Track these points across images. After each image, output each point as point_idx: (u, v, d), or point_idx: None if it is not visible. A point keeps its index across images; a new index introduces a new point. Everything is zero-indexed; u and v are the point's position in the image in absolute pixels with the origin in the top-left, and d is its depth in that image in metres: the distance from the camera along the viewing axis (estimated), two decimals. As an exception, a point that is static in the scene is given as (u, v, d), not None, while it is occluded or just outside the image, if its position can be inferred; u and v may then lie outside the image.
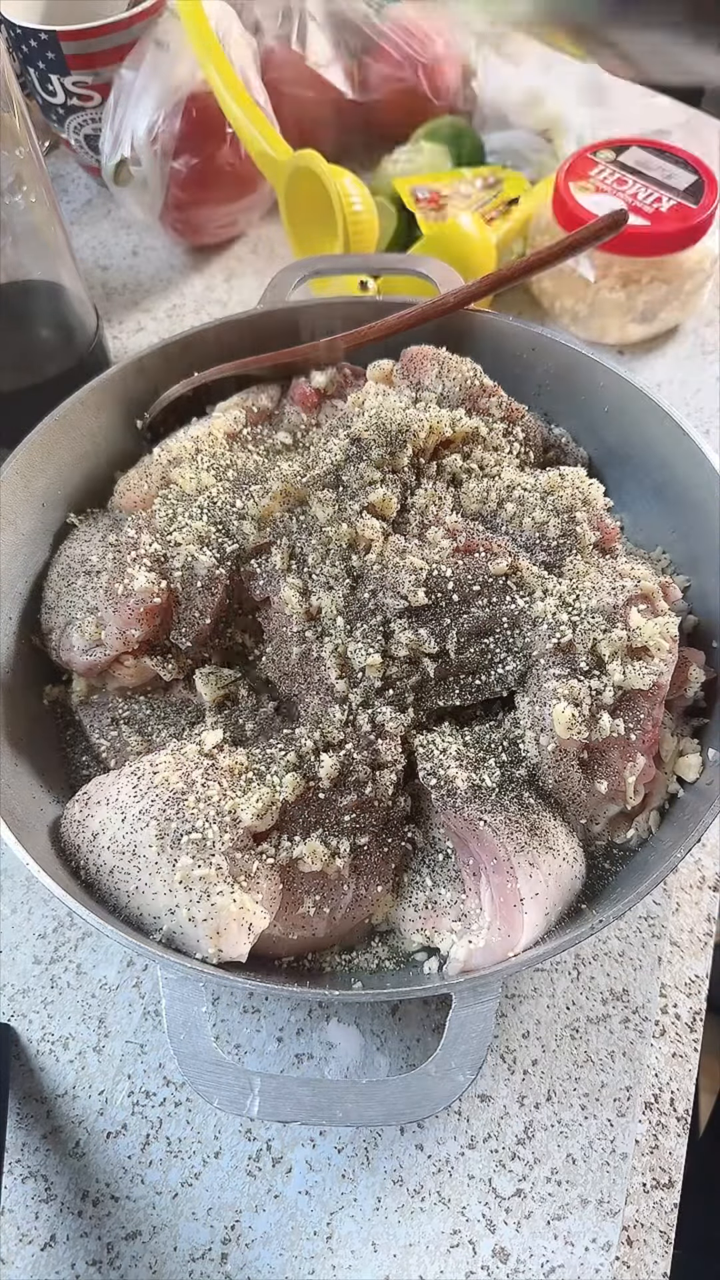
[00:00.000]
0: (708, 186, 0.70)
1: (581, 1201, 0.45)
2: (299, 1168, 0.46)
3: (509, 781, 0.45)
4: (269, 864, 0.42)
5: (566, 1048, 0.49)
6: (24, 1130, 0.47)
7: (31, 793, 0.48)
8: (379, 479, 0.51)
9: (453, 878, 0.45)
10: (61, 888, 0.40)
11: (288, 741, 0.46)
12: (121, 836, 0.42)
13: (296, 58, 0.84)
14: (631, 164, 0.73)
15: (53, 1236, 0.44)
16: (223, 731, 0.47)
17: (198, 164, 0.78)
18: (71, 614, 0.52)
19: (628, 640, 0.45)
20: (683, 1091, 0.48)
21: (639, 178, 0.72)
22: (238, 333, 0.61)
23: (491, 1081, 0.48)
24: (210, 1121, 0.47)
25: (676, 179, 0.71)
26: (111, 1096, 0.48)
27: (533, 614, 0.47)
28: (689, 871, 0.54)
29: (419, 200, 0.79)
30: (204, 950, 0.40)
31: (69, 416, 0.57)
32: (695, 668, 0.49)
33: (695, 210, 0.68)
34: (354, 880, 0.44)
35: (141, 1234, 0.44)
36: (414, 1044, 0.48)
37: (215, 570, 0.49)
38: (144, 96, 0.76)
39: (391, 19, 0.85)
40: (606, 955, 0.51)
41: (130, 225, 0.91)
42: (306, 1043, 0.49)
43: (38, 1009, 0.50)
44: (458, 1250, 0.44)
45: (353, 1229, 0.44)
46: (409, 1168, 0.46)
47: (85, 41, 0.75)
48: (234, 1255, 0.44)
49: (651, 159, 0.73)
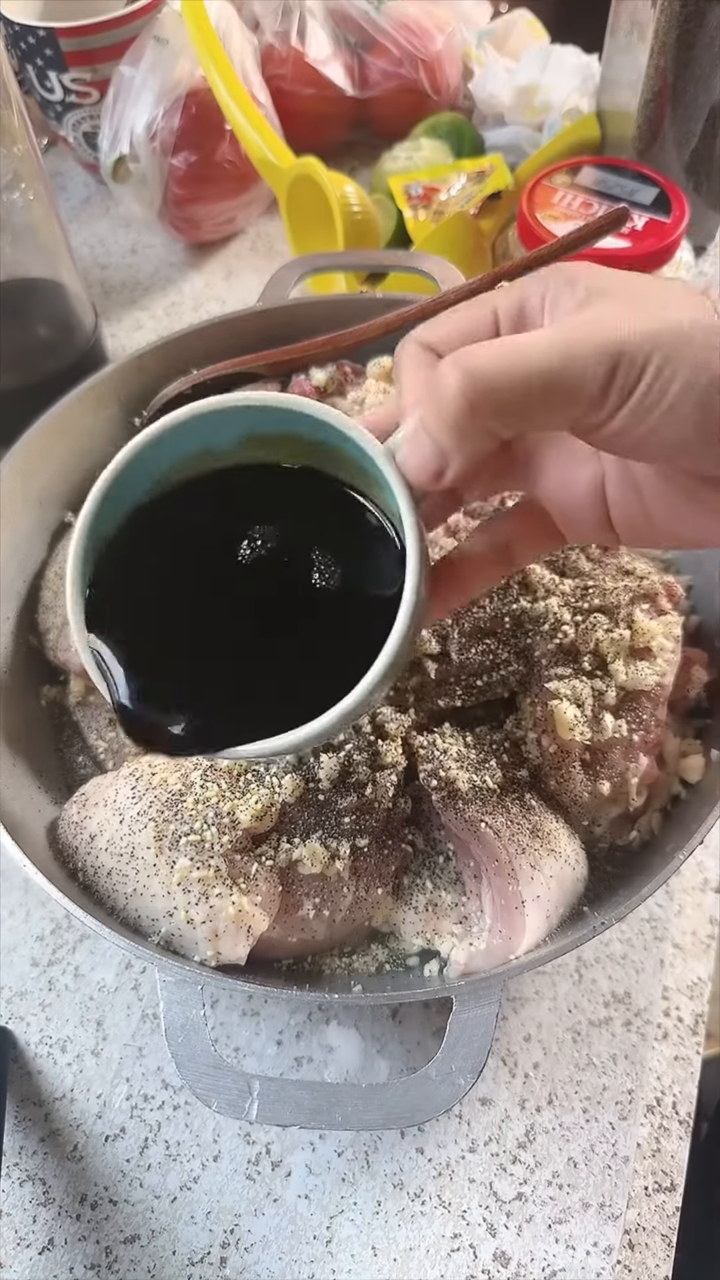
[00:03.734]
0: (673, 199, 0.69)
1: (583, 1205, 0.44)
2: (298, 1171, 0.46)
3: (510, 783, 0.44)
4: (268, 866, 0.42)
5: (568, 1051, 0.48)
6: (22, 1133, 0.47)
7: (29, 794, 0.48)
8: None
9: (453, 880, 0.45)
10: (59, 890, 0.40)
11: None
12: (119, 838, 0.42)
13: (296, 54, 0.83)
14: (591, 184, 0.72)
15: (51, 1240, 0.44)
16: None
17: (197, 161, 0.78)
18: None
19: (630, 640, 0.45)
20: (685, 1095, 0.47)
21: (602, 198, 0.71)
22: (237, 330, 0.61)
23: (492, 1085, 0.47)
24: (209, 1125, 0.47)
25: (640, 194, 0.70)
26: (110, 1100, 0.47)
27: (535, 613, 0.47)
28: (692, 873, 0.54)
29: (411, 197, 0.79)
30: (202, 953, 0.40)
31: (67, 414, 0.57)
32: (698, 668, 0.49)
33: (669, 225, 0.68)
34: (354, 882, 0.43)
35: (140, 1238, 0.44)
36: (414, 1047, 0.48)
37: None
38: (143, 93, 0.76)
39: (391, 15, 0.85)
40: (608, 958, 0.51)
41: (129, 222, 0.91)
42: (306, 1046, 0.48)
43: (35, 1012, 0.50)
44: (458, 1254, 0.43)
45: (353, 1233, 0.44)
46: (409, 1171, 0.45)
47: (83, 38, 0.75)
48: (233, 1259, 0.44)
49: (608, 176, 0.72)
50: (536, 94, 0.84)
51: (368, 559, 0.32)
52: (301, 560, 0.33)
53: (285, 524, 0.33)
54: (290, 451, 0.33)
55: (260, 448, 0.34)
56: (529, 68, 0.84)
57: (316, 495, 0.34)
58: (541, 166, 0.74)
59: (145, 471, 0.33)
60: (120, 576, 0.33)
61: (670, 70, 0.70)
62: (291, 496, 0.34)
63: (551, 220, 0.70)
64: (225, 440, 0.33)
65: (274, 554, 0.33)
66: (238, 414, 0.32)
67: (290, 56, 0.84)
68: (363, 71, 0.87)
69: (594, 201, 0.71)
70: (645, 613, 0.46)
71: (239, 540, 0.33)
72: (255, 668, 0.33)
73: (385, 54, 0.86)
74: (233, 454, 0.34)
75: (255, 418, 0.32)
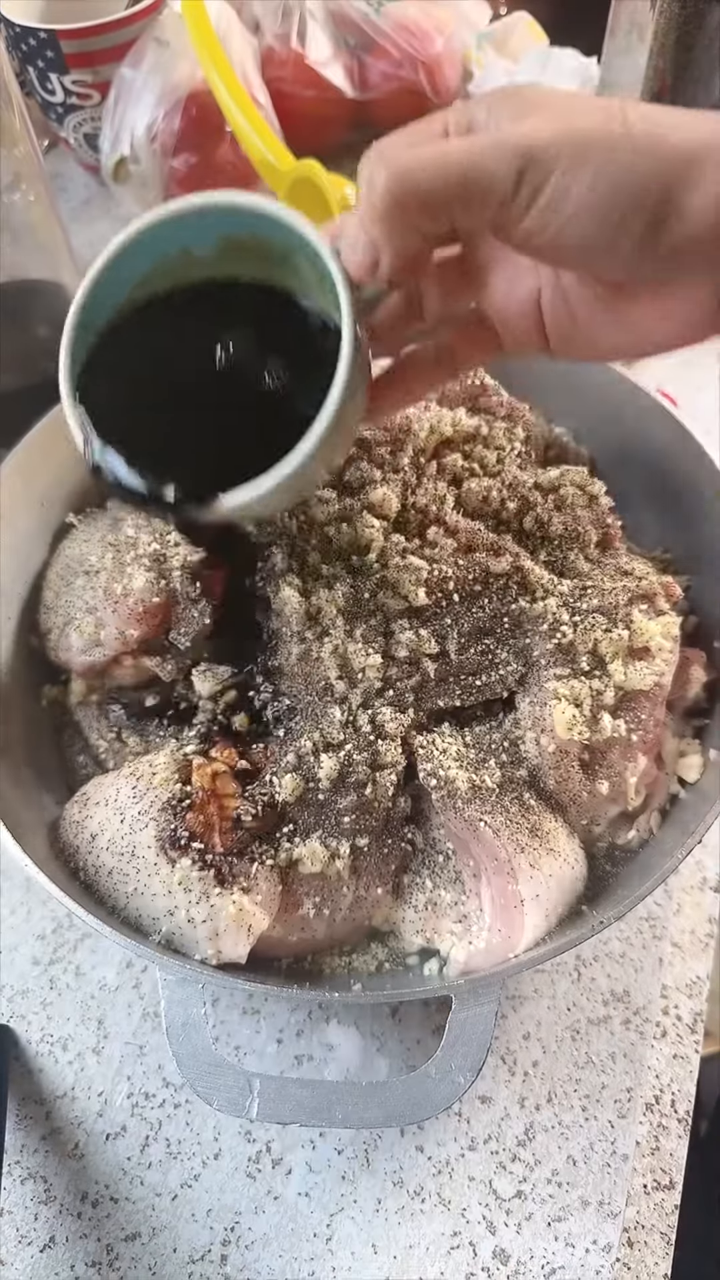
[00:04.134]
0: None
1: (582, 1203, 0.45)
2: (299, 1169, 0.46)
3: (509, 782, 0.45)
4: (268, 865, 0.42)
5: (567, 1049, 0.48)
6: (23, 1131, 0.47)
7: (30, 794, 0.48)
8: (379, 478, 0.50)
9: (453, 879, 0.45)
10: (60, 889, 0.40)
11: (287, 742, 0.46)
12: (120, 838, 0.42)
13: (296, 56, 0.84)
14: None
15: (52, 1238, 0.44)
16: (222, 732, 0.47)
17: (197, 162, 0.78)
18: (70, 614, 0.52)
19: (629, 640, 0.45)
20: (684, 1093, 0.48)
21: None
22: (237, 332, 0.61)
23: (492, 1083, 0.48)
24: (210, 1123, 0.47)
25: None
26: (111, 1098, 0.48)
27: (534, 613, 0.47)
28: (690, 872, 0.54)
29: None
30: (203, 952, 0.40)
31: (68, 416, 0.57)
32: (696, 668, 0.49)
33: None
34: (354, 882, 0.43)
35: (141, 1235, 0.44)
36: (414, 1045, 0.48)
37: (214, 571, 0.49)
38: (144, 95, 0.76)
39: (391, 17, 0.85)
40: (607, 956, 0.51)
41: (129, 224, 0.91)
42: (306, 1044, 0.49)
43: (37, 1010, 0.50)
44: (458, 1252, 0.44)
45: (353, 1230, 0.44)
46: (409, 1169, 0.46)
47: (84, 40, 0.75)
48: (234, 1257, 0.44)
49: None
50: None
51: (315, 359, 0.36)
52: (259, 363, 0.38)
53: (248, 333, 0.38)
54: (260, 260, 0.38)
55: (234, 254, 0.38)
56: (529, 70, 0.84)
57: (273, 306, 0.39)
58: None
59: (132, 266, 0.38)
60: (107, 361, 0.39)
61: (669, 72, 0.71)
62: (255, 307, 0.39)
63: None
64: (203, 243, 0.38)
65: (238, 359, 0.38)
66: (210, 214, 0.37)
67: (290, 58, 0.84)
68: (363, 73, 0.87)
69: None
70: (643, 613, 0.46)
71: (209, 346, 0.38)
72: (222, 441, 0.39)
73: (385, 56, 0.86)
74: (209, 261, 0.39)
75: (227, 220, 0.37)
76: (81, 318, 0.38)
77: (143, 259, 0.38)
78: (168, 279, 0.39)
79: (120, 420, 0.38)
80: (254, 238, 0.37)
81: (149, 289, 0.39)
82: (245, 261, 0.38)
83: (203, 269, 0.39)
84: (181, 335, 0.39)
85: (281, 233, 0.35)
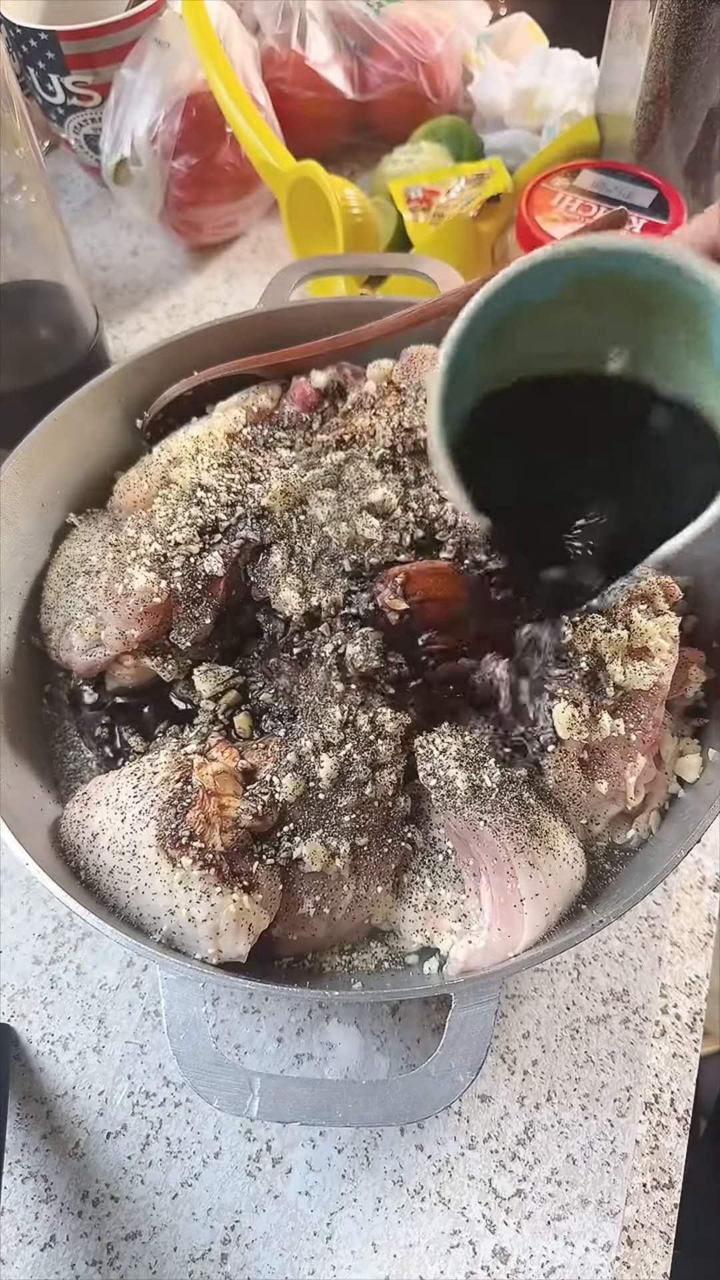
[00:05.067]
0: (671, 202, 0.69)
1: (581, 1202, 0.45)
2: (299, 1168, 0.46)
3: (509, 782, 0.45)
4: (269, 865, 0.42)
5: (566, 1048, 0.49)
6: (24, 1130, 0.47)
7: (31, 793, 0.48)
8: (379, 479, 0.51)
9: (453, 878, 0.45)
10: (61, 888, 0.40)
11: (287, 742, 0.46)
12: (121, 837, 0.42)
13: (296, 57, 0.84)
14: (589, 187, 0.72)
15: (52, 1237, 0.44)
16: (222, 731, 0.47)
17: (197, 164, 0.78)
18: (71, 614, 0.52)
19: (628, 640, 0.45)
20: (683, 1092, 0.48)
21: (601, 200, 0.71)
22: (238, 333, 0.61)
23: (491, 1082, 0.48)
24: (210, 1122, 0.47)
25: (638, 197, 0.71)
26: (111, 1097, 0.48)
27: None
28: (689, 871, 0.54)
29: (411, 200, 0.79)
30: (204, 950, 0.40)
31: (69, 416, 0.57)
32: (695, 668, 0.49)
33: (667, 227, 0.68)
34: (354, 881, 0.44)
35: (141, 1234, 0.44)
36: (414, 1044, 0.48)
37: (215, 570, 0.49)
38: (144, 96, 0.76)
39: (391, 19, 0.85)
40: (607, 955, 0.51)
41: (130, 225, 0.91)
42: (306, 1043, 0.49)
43: (38, 1009, 0.50)
44: (458, 1250, 0.44)
45: (353, 1229, 0.44)
46: (409, 1168, 0.46)
47: (85, 41, 0.75)
48: (234, 1255, 0.44)
49: (607, 180, 0.72)
50: (536, 97, 0.84)
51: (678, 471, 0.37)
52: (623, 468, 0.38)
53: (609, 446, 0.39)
54: (614, 298, 0.36)
55: (576, 294, 0.37)
56: (528, 71, 0.84)
57: (634, 401, 0.38)
58: (540, 169, 0.75)
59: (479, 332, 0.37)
60: (475, 449, 0.39)
61: (669, 73, 0.71)
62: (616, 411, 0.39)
63: (550, 223, 0.70)
64: (544, 291, 0.37)
65: (601, 467, 0.39)
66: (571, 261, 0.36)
67: (290, 59, 0.84)
68: (363, 75, 0.87)
69: (593, 204, 0.71)
70: (643, 613, 0.47)
71: (574, 447, 0.39)
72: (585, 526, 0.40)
73: (385, 57, 0.86)
74: (547, 305, 0.37)
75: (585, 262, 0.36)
76: (442, 412, 0.37)
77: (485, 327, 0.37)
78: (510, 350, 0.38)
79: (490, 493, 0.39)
80: (611, 272, 0.35)
81: (495, 361, 0.38)
82: (591, 297, 0.37)
83: (537, 313, 0.38)
84: (545, 430, 0.40)
85: (645, 266, 0.34)
